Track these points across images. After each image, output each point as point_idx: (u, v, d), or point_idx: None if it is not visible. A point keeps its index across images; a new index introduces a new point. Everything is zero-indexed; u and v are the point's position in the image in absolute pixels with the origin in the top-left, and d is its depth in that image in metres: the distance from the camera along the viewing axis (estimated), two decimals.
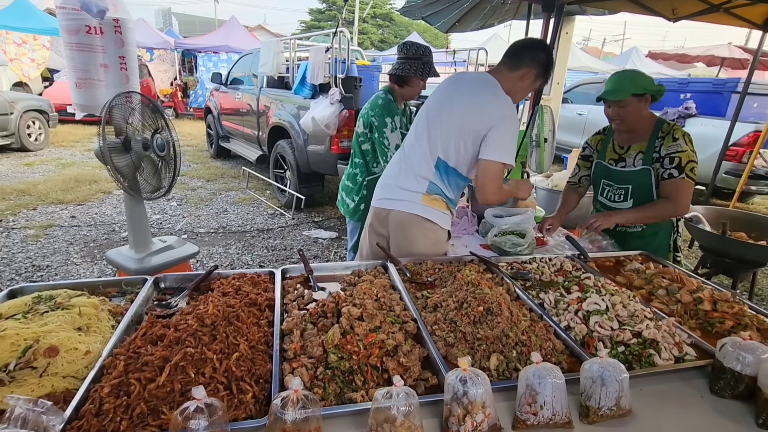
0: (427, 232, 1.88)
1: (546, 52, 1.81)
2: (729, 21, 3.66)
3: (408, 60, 2.49)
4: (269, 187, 6.31)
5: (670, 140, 2.00)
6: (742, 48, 12.01)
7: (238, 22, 15.65)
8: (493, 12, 4.97)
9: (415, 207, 1.86)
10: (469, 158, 1.82)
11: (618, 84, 1.98)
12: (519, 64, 1.79)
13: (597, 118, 8.21)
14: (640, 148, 2.09)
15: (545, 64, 1.80)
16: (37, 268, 3.75)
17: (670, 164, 1.98)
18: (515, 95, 1.82)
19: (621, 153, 2.16)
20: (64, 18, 2.34)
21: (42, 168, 7.07)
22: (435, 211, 1.87)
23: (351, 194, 2.81)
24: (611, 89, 1.99)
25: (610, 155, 2.20)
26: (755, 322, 1.37)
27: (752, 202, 7.14)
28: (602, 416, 0.99)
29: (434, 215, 1.87)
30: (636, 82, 1.95)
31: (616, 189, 2.19)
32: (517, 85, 1.81)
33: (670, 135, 2.00)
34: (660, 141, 2.03)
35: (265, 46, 5.96)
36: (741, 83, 5.73)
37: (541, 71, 1.80)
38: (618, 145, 2.18)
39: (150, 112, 2.35)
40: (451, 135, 1.80)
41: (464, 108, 1.79)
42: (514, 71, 1.80)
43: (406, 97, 2.61)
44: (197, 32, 21.49)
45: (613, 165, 2.17)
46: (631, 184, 2.12)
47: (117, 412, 0.89)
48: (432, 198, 1.87)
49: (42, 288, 1.34)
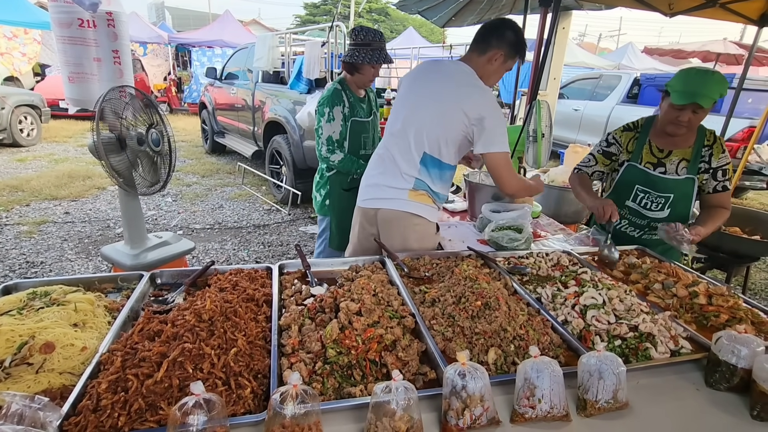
0: (417, 227, 1.89)
1: (514, 31, 1.76)
2: (725, 16, 3.66)
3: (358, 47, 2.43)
4: (265, 182, 6.28)
5: (720, 151, 1.92)
6: (737, 44, 12.03)
7: (232, 16, 15.51)
8: (490, 6, 4.95)
9: (402, 204, 1.88)
10: (456, 147, 1.82)
11: (708, 88, 1.73)
12: (486, 47, 1.77)
13: (593, 114, 8.25)
14: (684, 155, 1.94)
15: (514, 43, 1.76)
16: (30, 264, 3.72)
17: (723, 177, 1.93)
18: (488, 79, 1.81)
19: (660, 157, 1.98)
20: (56, 11, 2.31)
21: (35, 164, 7.00)
22: (422, 206, 1.88)
23: (318, 188, 2.79)
24: (702, 93, 1.72)
25: (648, 158, 2.00)
26: (750, 315, 1.39)
27: (746, 197, 7.20)
28: (599, 409, 1.00)
29: (422, 210, 1.88)
30: (723, 88, 1.75)
31: (655, 197, 2.00)
32: (487, 68, 1.79)
33: (718, 145, 1.92)
34: (707, 150, 1.92)
35: (260, 41, 5.91)
36: (736, 79, 5.75)
37: (509, 51, 1.76)
38: (657, 147, 1.99)
39: (144, 106, 2.33)
40: (436, 129, 1.79)
41: (447, 101, 1.77)
42: (482, 55, 1.79)
43: (359, 84, 2.55)
44: (191, 26, 21.26)
45: (651, 170, 1.98)
46: (674, 193, 1.96)
47: (115, 407, 0.89)
48: (418, 194, 1.88)
49: (37, 284, 1.33)
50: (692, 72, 1.81)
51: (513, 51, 1.77)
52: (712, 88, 1.73)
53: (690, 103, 1.75)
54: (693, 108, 1.77)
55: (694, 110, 1.78)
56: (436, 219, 1.96)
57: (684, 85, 1.77)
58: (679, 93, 1.77)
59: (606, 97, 8.29)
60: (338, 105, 2.45)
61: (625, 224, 2.16)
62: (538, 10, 3.89)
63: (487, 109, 1.72)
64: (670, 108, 1.83)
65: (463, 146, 1.84)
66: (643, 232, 2.12)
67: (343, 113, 2.48)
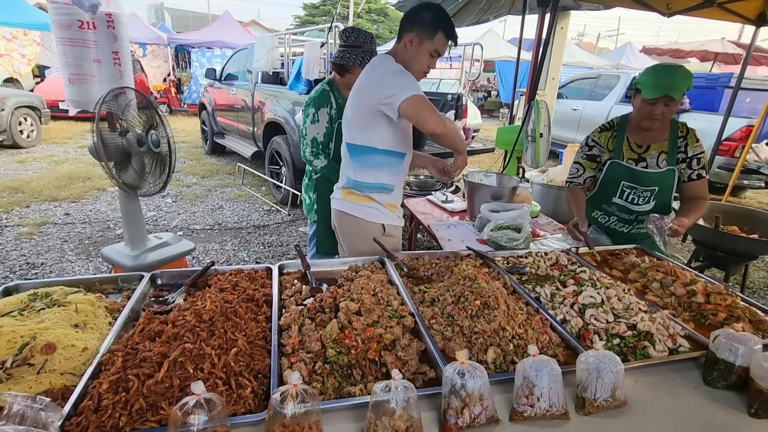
0: (352, 227, 1.90)
1: (430, 12, 1.70)
2: (722, 16, 3.68)
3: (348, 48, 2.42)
4: (265, 183, 6.29)
5: (694, 141, 2.01)
6: (734, 43, 12.08)
7: (231, 17, 15.51)
8: (489, 7, 4.96)
9: (337, 203, 1.92)
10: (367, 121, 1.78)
11: (678, 80, 1.83)
12: (401, 33, 1.75)
13: (592, 114, 8.25)
14: (662, 148, 2.02)
15: (429, 23, 1.69)
16: (31, 265, 3.72)
17: (698, 165, 2.01)
18: (410, 65, 1.75)
19: (640, 152, 2.05)
20: (56, 13, 2.31)
21: (35, 165, 7.00)
22: (355, 205, 1.87)
23: (307, 191, 2.79)
24: (674, 85, 1.82)
25: (629, 155, 2.07)
26: (747, 313, 1.39)
27: (744, 196, 7.21)
28: (598, 407, 1.01)
29: (355, 209, 1.87)
30: (690, 81, 1.85)
31: (641, 191, 2.07)
32: (405, 54, 1.75)
33: (692, 135, 2.02)
34: (683, 141, 2.01)
35: (259, 42, 5.91)
36: (734, 78, 5.77)
37: (423, 32, 1.69)
38: (635, 143, 2.06)
39: (144, 108, 2.33)
40: (351, 115, 1.83)
41: (359, 88, 1.80)
42: (398, 43, 1.77)
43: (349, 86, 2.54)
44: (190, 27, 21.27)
45: (634, 165, 2.05)
46: (658, 185, 2.04)
47: (116, 408, 0.89)
48: (348, 192, 1.89)
49: (38, 285, 1.34)
50: (659, 68, 1.91)
51: (429, 31, 1.69)
52: (681, 80, 1.83)
53: (662, 96, 1.84)
54: (665, 101, 1.86)
55: (665, 103, 1.86)
56: (376, 219, 1.88)
57: (654, 80, 1.86)
58: (651, 88, 1.86)
59: (605, 97, 8.29)
60: (325, 106, 2.44)
61: (614, 221, 2.21)
62: (537, 10, 3.90)
63: (388, 75, 1.70)
64: (643, 104, 1.92)
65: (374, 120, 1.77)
66: (632, 227, 2.18)
67: (330, 115, 2.46)
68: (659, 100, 1.85)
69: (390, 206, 1.93)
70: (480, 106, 16.18)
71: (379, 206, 1.89)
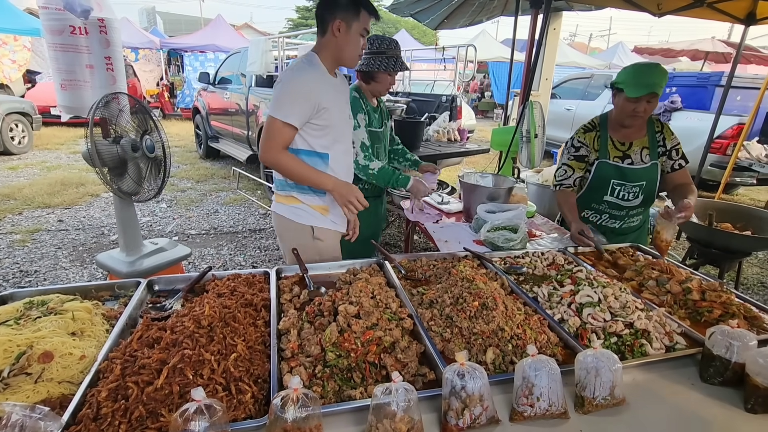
0: (282, 228, 1.89)
1: None
2: (712, 15, 3.72)
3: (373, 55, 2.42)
4: (260, 186, 6.27)
5: (670, 134, 2.14)
6: (725, 42, 12.21)
7: (224, 20, 15.48)
8: (482, 8, 4.99)
9: (273, 205, 1.92)
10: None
11: (659, 78, 1.92)
12: (323, 25, 1.67)
13: (585, 113, 8.30)
14: (643, 144, 2.11)
15: (346, 4, 1.62)
16: (24, 273, 3.68)
17: (677, 156, 2.13)
18: (345, 53, 1.70)
19: (624, 150, 2.13)
20: (48, 18, 2.30)
21: (27, 171, 6.93)
22: (284, 206, 1.86)
23: None
24: (656, 83, 1.91)
25: (614, 153, 2.14)
26: (742, 310, 1.41)
27: (737, 193, 7.28)
28: (597, 406, 1.01)
29: (285, 210, 1.85)
30: (667, 77, 1.96)
31: (630, 188, 2.13)
32: (337, 43, 1.68)
33: (667, 129, 2.14)
34: (660, 135, 2.13)
35: (253, 45, 5.91)
36: (724, 77, 5.83)
37: (346, 14, 1.63)
38: (618, 141, 2.14)
39: (138, 113, 2.32)
40: None
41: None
42: (324, 34, 1.69)
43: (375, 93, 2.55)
44: (183, 31, 21.16)
45: (620, 163, 2.12)
46: (645, 180, 2.12)
47: (115, 415, 0.89)
48: (277, 194, 1.88)
49: (33, 293, 1.33)
50: (639, 66, 1.99)
51: (352, 11, 1.63)
52: (661, 77, 1.93)
53: (646, 94, 1.92)
54: (648, 98, 1.94)
55: (648, 100, 1.95)
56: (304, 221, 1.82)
57: (637, 78, 1.95)
58: (635, 86, 1.94)
59: (598, 96, 8.36)
60: (360, 112, 2.42)
61: (606, 218, 2.27)
62: (529, 11, 3.93)
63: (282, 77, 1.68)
64: (626, 102, 1.99)
65: None
66: (623, 222, 2.25)
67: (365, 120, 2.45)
68: (643, 97, 1.93)
69: (319, 207, 1.84)
70: (474, 107, 16.24)
71: (306, 207, 1.83)
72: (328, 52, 1.72)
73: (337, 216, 1.90)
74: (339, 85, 1.82)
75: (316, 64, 1.71)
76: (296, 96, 1.63)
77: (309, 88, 1.65)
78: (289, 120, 1.62)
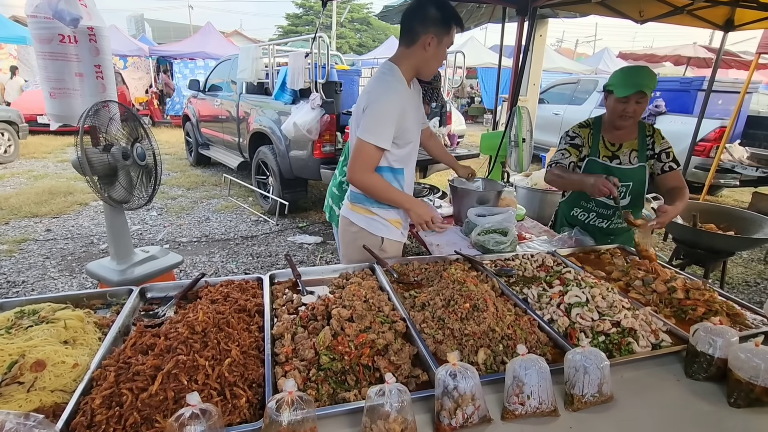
0: (354, 235, 1.90)
1: (435, 5, 1.62)
2: (692, 22, 3.83)
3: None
4: (251, 193, 6.25)
5: (660, 138, 2.19)
6: (706, 47, 12.51)
7: (214, 27, 15.47)
8: (470, 15, 5.06)
9: (345, 210, 1.95)
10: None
11: (647, 78, 1.97)
12: (413, 36, 1.66)
13: (573, 118, 8.43)
14: (633, 146, 2.17)
15: (440, 19, 1.62)
16: (12, 284, 3.62)
17: (667, 158, 2.16)
18: (427, 67, 1.72)
19: (614, 150, 2.19)
20: (37, 27, 2.29)
21: (13, 181, 6.83)
22: (360, 216, 1.88)
23: (337, 202, 2.79)
24: (644, 82, 1.96)
25: (604, 152, 2.20)
26: (725, 307, 1.45)
27: (721, 194, 7.44)
28: (586, 403, 1.04)
29: (360, 219, 1.87)
30: (655, 79, 2.01)
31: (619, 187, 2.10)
32: (424, 56, 1.68)
33: (658, 134, 2.19)
34: (650, 139, 2.18)
35: (243, 52, 5.92)
36: (706, 81, 5.98)
37: (438, 29, 1.63)
38: (609, 142, 2.20)
39: (129, 120, 2.32)
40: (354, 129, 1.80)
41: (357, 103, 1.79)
42: (411, 46, 1.68)
43: None
44: (172, 38, 21.09)
45: (609, 162, 2.18)
46: (632, 180, 2.16)
47: (110, 423, 0.89)
48: (353, 204, 1.90)
49: (24, 302, 1.32)
50: (627, 68, 2.07)
51: (444, 27, 1.64)
52: (649, 78, 1.99)
53: (634, 93, 1.98)
54: (636, 98, 1.99)
55: (637, 100, 2.00)
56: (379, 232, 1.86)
57: (625, 79, 2.02)
58: (623, 86, 2.01)
59: (585, 101, 8.51)
60: None
61: (593, 216, 2.31)
62: (516, 18, 4.00)
63: (373, 97, 1.67)
64: (616, 103, 2.06)
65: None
66: (610, 222, 2.29)
67: None
68: (632, 97, 1.99)
69: (393, 221, 1.89)
70: (464, 112, 16.40)
71: (382, 219, 1.87)
72: (411, 64, 1.71)
73: (405, 229, 1.99)
74: (415, 97, 1.84)
75: (400, 78, 1.70)
76: (389, 120, 1.65)
77: (400, 109, 1.66)
78: (381, 144, 1.64)
